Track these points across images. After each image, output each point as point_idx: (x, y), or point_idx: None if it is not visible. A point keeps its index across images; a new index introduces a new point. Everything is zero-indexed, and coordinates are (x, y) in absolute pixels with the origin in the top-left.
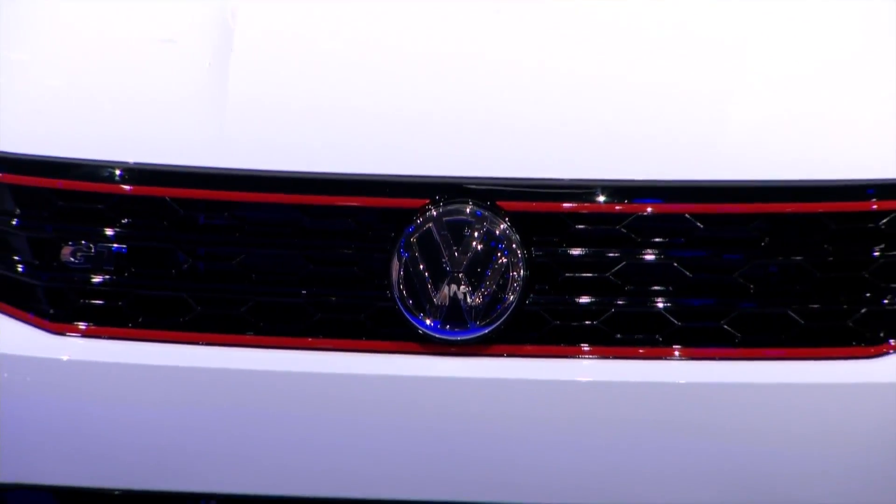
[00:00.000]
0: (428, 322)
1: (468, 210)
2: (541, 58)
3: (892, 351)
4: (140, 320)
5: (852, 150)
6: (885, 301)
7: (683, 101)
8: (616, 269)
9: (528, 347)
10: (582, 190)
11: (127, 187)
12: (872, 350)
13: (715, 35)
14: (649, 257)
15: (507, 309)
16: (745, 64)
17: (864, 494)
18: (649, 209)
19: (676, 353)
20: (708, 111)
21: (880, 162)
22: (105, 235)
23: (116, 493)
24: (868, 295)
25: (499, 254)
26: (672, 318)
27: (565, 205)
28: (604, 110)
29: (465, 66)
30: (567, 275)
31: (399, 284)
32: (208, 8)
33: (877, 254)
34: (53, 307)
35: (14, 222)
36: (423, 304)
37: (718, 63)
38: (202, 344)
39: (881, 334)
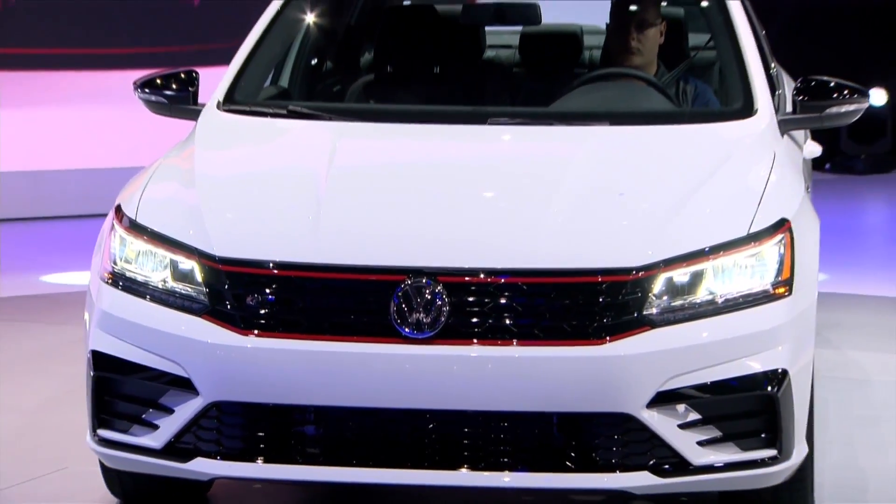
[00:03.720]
0: (406, 330)
1: (424, 281)
2: (453, 211)
3: (606, 343)
4: (280, 329)
5: (596, 250)
6: (604, 320)
7: (519, 225)
8: (488, 307)
9: (451, 341)
10: (473, 272)
11: (274, 271)
12: (598, 342)
13: (536, 186)
14: (503, 301)
15: (441, 324)
16: (553, 202)
17: (588, 402)
18: (502, 280)
19: (514, 342)
20: (532, 231)
21: (606, 256)
22: (265, 292)
23: (269, 405)
24: (597, 318)
25: (437, 300)
26: (513, 328)
27: (466, 278)
28: (482, 233)
29: (423, 223)
30: (468, 309)
31: (393, 313)
32: (307, 195)
33: (601, 300)
34: (242, 324)
35: (225, 286)
36: (404, 322)
37: (540, 200)
38: (307, 340)
39: (602, 335)
